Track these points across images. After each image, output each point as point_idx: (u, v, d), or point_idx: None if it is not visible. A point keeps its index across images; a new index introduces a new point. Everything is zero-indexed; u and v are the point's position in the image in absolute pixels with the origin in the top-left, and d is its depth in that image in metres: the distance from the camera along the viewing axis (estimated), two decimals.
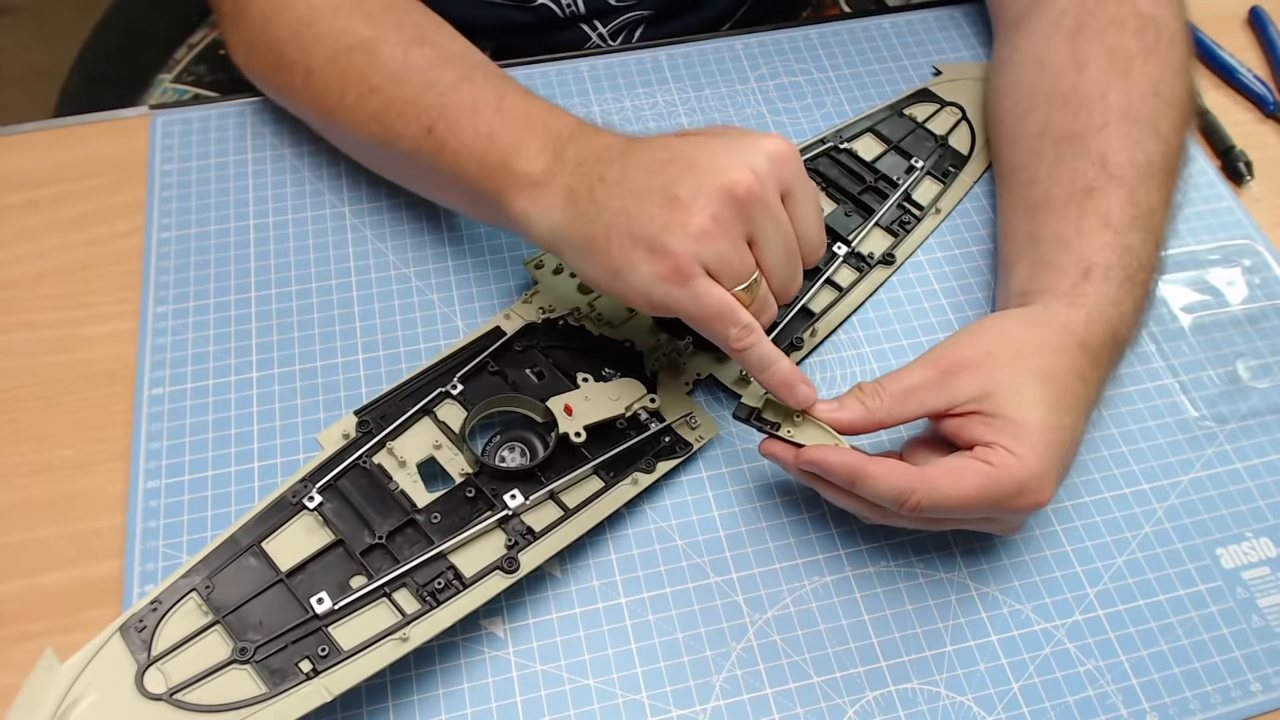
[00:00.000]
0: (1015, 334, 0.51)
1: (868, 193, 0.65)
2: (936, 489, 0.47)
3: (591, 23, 0.76)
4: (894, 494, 0.47)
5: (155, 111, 0.69)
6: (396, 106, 0.55)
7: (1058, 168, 0.57)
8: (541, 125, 0.52)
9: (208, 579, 0.47)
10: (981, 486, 0.47)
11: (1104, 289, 0.53)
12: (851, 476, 0.48)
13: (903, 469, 0.48)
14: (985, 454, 0.48)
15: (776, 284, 0.50)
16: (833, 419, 0.50)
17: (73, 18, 1.03)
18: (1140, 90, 0.58)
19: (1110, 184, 0.55)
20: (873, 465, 0.48)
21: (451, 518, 0.50)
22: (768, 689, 0.49)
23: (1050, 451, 0.48)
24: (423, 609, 0.47)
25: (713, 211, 0.46)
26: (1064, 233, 0.55)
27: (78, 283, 0.61)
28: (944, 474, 0.47)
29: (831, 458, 0.48)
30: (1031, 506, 0.48)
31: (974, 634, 0.51)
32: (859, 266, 0.63)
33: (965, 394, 0.49)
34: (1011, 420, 0.48)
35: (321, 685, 0.44)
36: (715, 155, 0.47)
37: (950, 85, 0.72)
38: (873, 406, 0.49)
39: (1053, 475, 0.48)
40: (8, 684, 0.47)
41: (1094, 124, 0.57)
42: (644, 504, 0.54)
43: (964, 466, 0.48)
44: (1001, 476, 0.47)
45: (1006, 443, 0.47)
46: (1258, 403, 0.59)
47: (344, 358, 0.58)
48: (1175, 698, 0.50)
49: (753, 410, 0.51)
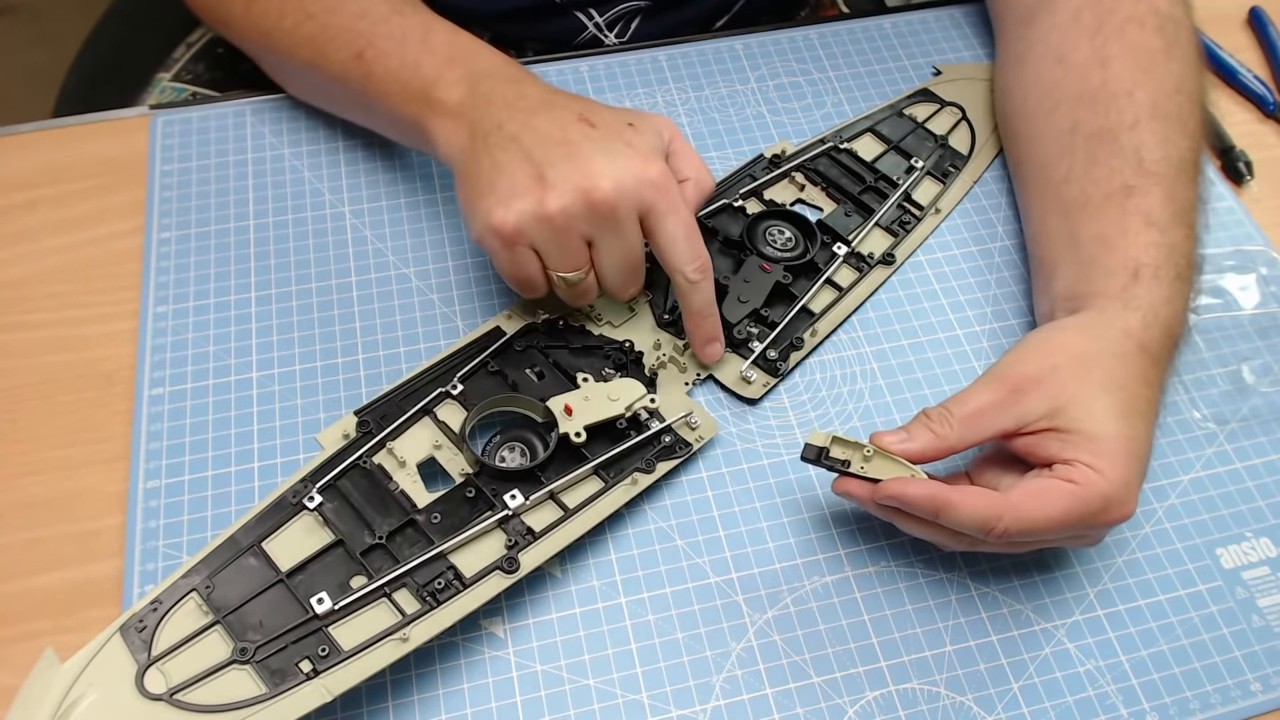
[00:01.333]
0: (1077, 345, 0.50)
1: (868, 193, 0.65)
2: (1023, 513, 0.46)
3: (588, 10, 0.76)
4: (979, 522, 0.46)
5: (155, 111, 0.69)
6: (329, 32, 0.60)
7: (1093, 167, 0.57)
8: (464, 59, 0.56)
9: (208, 579, 0.47)
10: (1069, 506, 0.46)
11: (1156, 289, 0.52)
12: (934, 508, 0.47)
13: (985, 496, 0.47)
14: (1067, 472, 0.47)
15: (608, 286, 0.55)
16: (904, 450, 0.49)
17: (71, 18, 1.03)
18: (1166, 88, 0.58)
19: (1148, 182, 0.55)
20: (955, 494, 0.47)
21: (451, 518, 0.50)
22: (768, 689, 0.49)
23: (1129, 462, 0.47)
24: (423, 609, 0.47)
25: (563, 204, 0.50)
26: (1107, 233, 0.55)
27: (78, 283, 0.61)
28: (1028, 497, 0.47)
29: (911, 490, 0.47)
30: (1117, 520, 0.48)
31: (974, 634, 0.51)
32: (859, 266, 0.63)
33: (1036, 411, 0.48)
34: (1088, 435, 0.47)
35: (322, 685, 0.44)
36: (596, 156, 0.51)
37: (950, 85, 0.72)
38: (942, 433, 0.49)
39: (1135, 486, 0.48)
40: (8, 685, 0.47)
41: (1125, 121, 0.57)
42: (644, 504, 0.54)
43: (1048, 487, 0.47)
44: (1087, 494, 0.46)
45: (1086, 458, 0.47)
46: (1259, 404, 0.59)
47: (344, 358, 0.58)
48: (1175, 698, 0.50)
49: (820, 450, 0.50)
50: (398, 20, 0.59)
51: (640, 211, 0.52)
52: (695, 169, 0.56)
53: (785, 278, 0.60)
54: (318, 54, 0.61)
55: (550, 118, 0.53)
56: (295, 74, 0.66)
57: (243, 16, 0.65)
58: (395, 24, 0.59)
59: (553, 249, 0.52)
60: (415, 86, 0.56)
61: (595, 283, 0.54)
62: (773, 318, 0.59)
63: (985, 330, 0.61)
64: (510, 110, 0.53)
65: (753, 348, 0.58)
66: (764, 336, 0.59)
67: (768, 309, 0.59)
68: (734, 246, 0.62)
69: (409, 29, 0.58)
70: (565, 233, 0.51)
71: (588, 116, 0.53)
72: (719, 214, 0.63)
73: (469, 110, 0.54)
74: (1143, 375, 0.50)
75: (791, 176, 0.66)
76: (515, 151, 0.52)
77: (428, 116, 0.56)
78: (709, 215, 0.63)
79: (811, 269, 0.62)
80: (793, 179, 0.66)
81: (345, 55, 0.59)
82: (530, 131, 0.52)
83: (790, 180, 0.66)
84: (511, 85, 0.55)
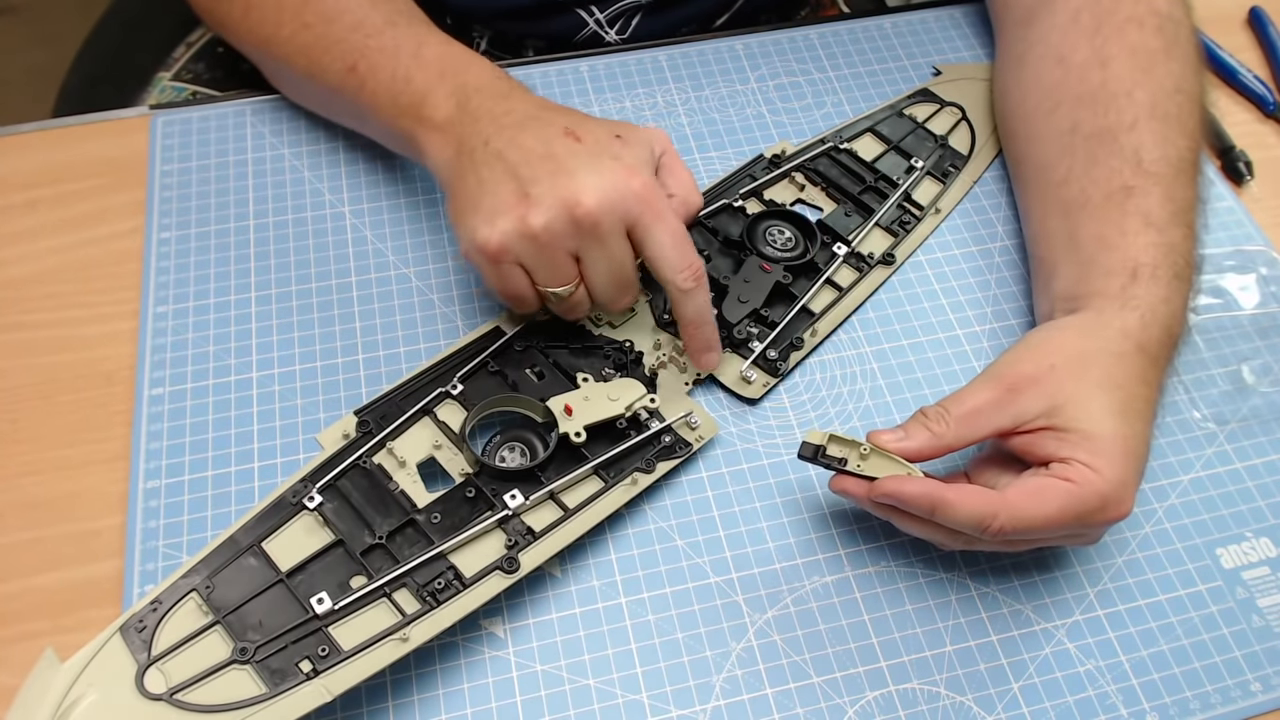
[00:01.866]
0: (1075, 344, 0.51)
1: (868, 193, 0.65)
2: (1019, 511, 0.46)
3: (588, 7, 0.76)
4: (975, 520, 0.46)
5: (155, 111, 0.69)
6: (324, 43, 0.60)
7: (1093, 168, 0.57)
8: (454, 74, 0.56)
9: (208, 579, 0.47)
10: (1064, 505, 0.46)
11: (1154, 288, 0.52)
12: (931, 506, 0.47)
13: (982, 494, 0.47)
14: (1064, 470, 0.47)
15: (599, 299, 0.54)
16: (901, 449, 0.49)
17: (72, 17, 1.03)
18: (1165, 88, 0.58)
19: (1147, 182, 0.55)
20: (951, 492, 0.47)
21: (451, 518, 0.50)
22: (768, 689, 0.49)
23: (1127, 461, 0.47)
24: (423, 609, 0.47)
25: (547, 221, 0.50)
26: (1106, 234, 0.55)
27: (78, 283, 0.61)
28: (1025, 495, 0.47)
29: (907, 488, 0.47)
30: (1114, 519, 0.48)
31: (974, 634, 0.51)
32: (859, 266, 0.63)
33: (1033, 410, 0.48)
34: (1085, 434, 0.47)
35: (321, 685, 0.44)
36: (580, 171, 0.51)
37: (950, 85, 0.72)
38: (939, 431, 0.49)
39: (1132, 485, 0.48)
40: (7, 685, 0.47)
41: (1124, 122, 0.57)
42: (644, 504, 0.54)
43: (1044, 486, 0.47)
44: (1084, 493, 0.46)
45: (1083, 457, 0.47)
46: (1259, 404, 0.59)
47: (344, 358, 0.58)
48: (1175, 698, 0.50)
49: (817, 448, 0.50)
50: (391, 33, 0.59)
51: (626, 224, 0.51)
52: (683, 185, 0.56)
53: (785, 278, 0.60)
54: (313, 64, 0.61)
55: (536, 133, 0.52)
56: (292, 81, 0.66)
57: (241, 21, 0.65)
58: (389, 36, 0.59)
59: (539, 265, 0.52)
60: (406, 101, 0.57)
61: (586, 296, 0.54)
62: (773, 318, 0.59)
63: (985, 330, 0.61)
64: (497, 125, 0.53)
65: (753, 348, 0.58)
66: (764, 336, 0.59)
67: (768, 309, 0.59)
68: (734, 246, 0.61)
69: (402, 42, 0.58)
70: (550, 249, 0.51)
71: (574, 130, 0.53)
72: (719, 214, 0.63)
73: (457, 126, 0.54)
74: (1140, 374, 0.50)
75: (791, 177, 0.66)
76: (500, 168, 0.52)
77: (418, 131, 0.56)
78: (709, 215, 0.63)
79: (811, 269, 0.62)
80: (793, 179, 0.66)
81: (340, 67, 0.59)
82: (515, 147, 0.52)
83: (790, 180, 0.66)
84: (500, 100, 0.55)
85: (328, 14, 0.61)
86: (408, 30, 0.59)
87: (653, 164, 0.54)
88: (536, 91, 0.56)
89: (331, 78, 0.60)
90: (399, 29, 0.59)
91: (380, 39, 0.59)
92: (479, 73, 0.57)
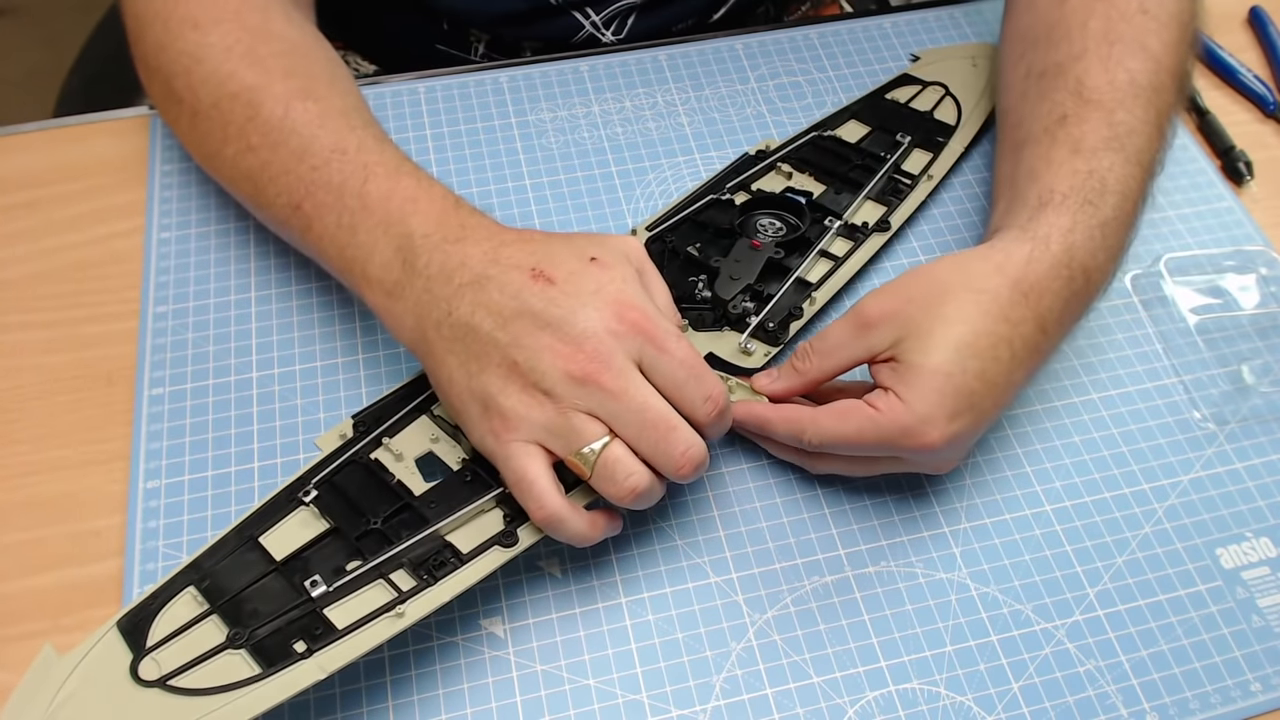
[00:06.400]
0: (940, 277, 0.51)
1: (856, 170, 0.65)
2: (822, 427, 0.50)
3: (584, 10, 0.76)
4: (790, 432, 0.51)
5: (155, 111, 0.69)
6: (269, 172, 0.54)
7: (1039, 104, 0.57)
8: (399, 220, 0.50)
9: (204, 573, 0.47)
10: (862, 428, 0.49)
11: (1056, 218, 0.52)
12: (758, 425, 0.52)
13: (796, 410, 0.51)
14: (874, 399, 0.49)
15: (643, 453, 0.46)
16: (769, 389, 0.53)
17: (72, 19, 1.03)
18: (1123, 10, 0.57)
19: (1085, 109, 0.54)
20: (770, 410, 0.52)
21: (449, 501, 0.49)
22: (768, 689, 0.49)
23: (940, 397, 0.48)
24: (419, 585, 0.46)
25: (547, 388, 0.45)
26: (1035, 165, 0.54)
27: (78, 283, 0.61)
28: (831, 414, 0.50)
29: (738, 411, 0.52)
30: (920, 449, 0.49)
31: (974, 634, 0.51)
32: (853, 237, 0.62)
33: (884, 343, 0.50)
34: (910, 365, 0.49)
35: (315, 664, 0.44)
36: (565, 323, 0.45)
37: (931, 67, 0.72)
38: (803, 368, 0.52)
39: (941, 421, 0.48)
40: (7, 683, 0.47)
41: (1073, 53, 0.57)
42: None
43: (850, 408, 0.50)
44: (882, 420, 0.48)
45: (900, 389, 0.49)
46: (1259, 404, 0.59)
47: (344, 358, 0.58)
48: (1175, 698, 0.50)
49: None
50: (338, 164, 0.52)
51: (635, 360, 0.46)
52: (661, 300, 0.51)
53: (777, 253, 0.60)
54: (258, 193, 0.55)
55: (501, 287, 0.46)
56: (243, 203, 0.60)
57: (188, 131, 0.59)
58: (335, 169, 0.52)
59: (550, 433, 0.46)
60: (351, 255, 0.51)
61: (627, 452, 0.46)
62: (768, 291, 0.59)
63: None
64: (454, 287, 0.47)
65: (749, 321, 0.57)
66: (760, 311, 0.58)
67: (762, 284, 0.59)
68: (725, 235, 0.61)
69: (348, 176, 0.52)
70: (555, 413, 0.45)
71: (542, 270, 0.47)
72: (708, 208, 0.63)
73: (409, 291, 0.49)
74: (1000, 312, 0.49)
75: (778, 166, 0.66)
76: (476, 347, 0.46)
77: (366, 293, 0.51)
78: (698, 210, 0.63)
79: (804, 244, 0.61)
80: (779, 169, 0.66)
81: (284, 202, 0.54)
82: (485, 313, 0.46)
83: (777, 170, 0.66)
84: (452, 249, 0.48)
85: (272, 137, 0.54)
86: (355, 159, 0.52)
87: (637, 281, 0.49)
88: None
89: (278, 212, 0.55)
90: (346, 158, 0.52)
91: (326, 171, 0.52)
92: (425, 215, 0.50)
